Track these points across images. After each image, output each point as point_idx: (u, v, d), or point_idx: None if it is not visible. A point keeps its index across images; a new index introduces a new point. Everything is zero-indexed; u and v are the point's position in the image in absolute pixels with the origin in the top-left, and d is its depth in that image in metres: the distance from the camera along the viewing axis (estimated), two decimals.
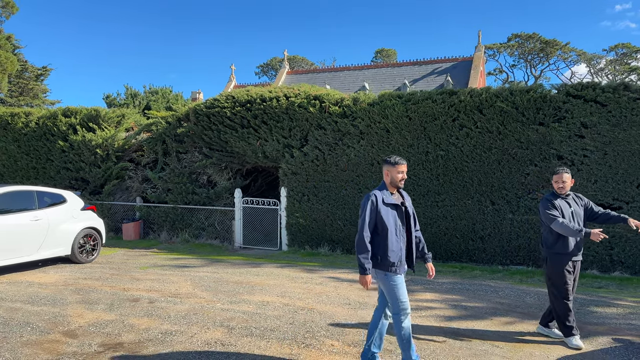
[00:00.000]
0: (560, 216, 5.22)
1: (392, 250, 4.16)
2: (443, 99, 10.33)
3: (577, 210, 5.33)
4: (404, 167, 4.33)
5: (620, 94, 9.02)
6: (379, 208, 4.19)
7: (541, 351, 5.03)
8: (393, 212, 4.25)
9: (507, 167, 9.82)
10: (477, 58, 28.16)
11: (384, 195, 4.26)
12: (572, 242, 5.24)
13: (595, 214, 5.41)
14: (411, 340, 4.23)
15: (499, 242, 9.90)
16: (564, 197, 5.36)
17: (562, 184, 5.31)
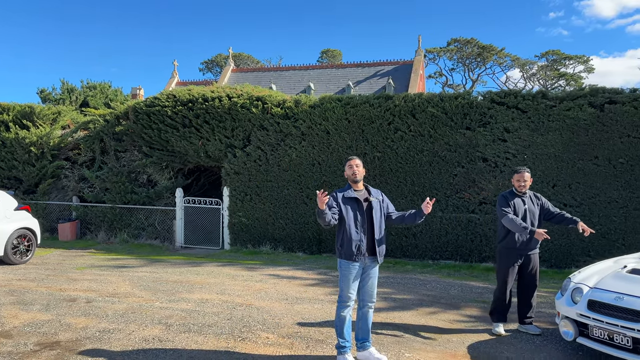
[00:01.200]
0: (512, 212, 5.57)
1: (351, 241, 4.54)
2: (380, 103, 10.83)
3: (532, 208, 5.69)
4: (354, 162, 4.72)
5: (538, 102, 9.83)
6: (339, 202, 4.60)
7: (458, 338, 5.53)
8: (353, 206, 4.62)
9: (437, 169, 10.45)
10: (417, 62, 29.21)
11: (345, 192, 4.67)
12: (521, 238, 5.57)
13: (551, 214, 5.75)
14: (344, 327, 4.62)
15: (429, 239, 10.52)
16: (521, 195, 5.73)
17: (523, 182, 5.68)
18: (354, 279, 4.61)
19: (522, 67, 47.14)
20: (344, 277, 4.63)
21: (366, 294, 4.73)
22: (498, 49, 44.75)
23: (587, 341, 4.63)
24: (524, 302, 5.77)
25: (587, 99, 9.53)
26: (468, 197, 10.26)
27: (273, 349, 5.07)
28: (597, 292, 4.68)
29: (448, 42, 45.53)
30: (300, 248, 11.35)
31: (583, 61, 45.99)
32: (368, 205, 4.67)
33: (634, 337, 4.21)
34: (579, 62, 46.14)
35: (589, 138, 9.42)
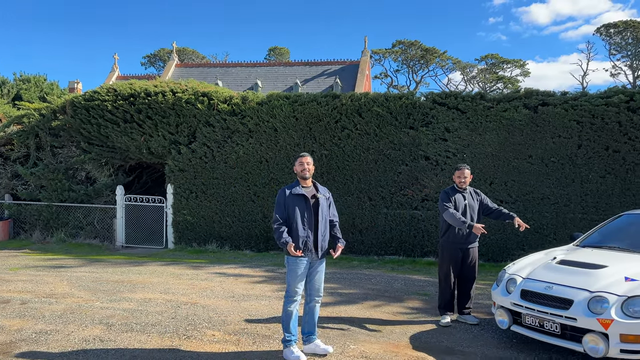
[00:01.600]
0: (452, 207, 5.80)
1: (299, 237, 4.62)
2: (327, 102, 10.95)
3: (472, 204, 5.94)
4: (305, 159, 4.78)
5: (477, 103, 10.26)
6: (287, 199, 4.66)
7: (401, 329, 5.71)
8: (301, 203, 4.68)
9: (382, 167, 10.68)
10: (363, 62, 29.66)
11: (293, 189, 4.72)
12: (460, 232, 5.80)
13: (490, 210, 6.03)
14: (290, 322, 4.67)
15: (375, 235, 10.74)
16: (462, 191, 5.97)
17: (463, 178, 5.93)
18: (300, 274, 4.68)
19: (463, 70, 48.89)
20: (291, 272, 4.69)
21: (313, 289, 4.80)
22: (440, 51, 46.16)
23: (521, 329, 4.91)
24: (463, 294, 6.03)
25: (522, 100, 10.04)
26: (411, 194, 10.57)
27: (219, 346, 5.04)
28: (529, 282, 4.97)
29: (393, 43, 46.52)
30: (248, 246, 11.29)
31: (519, 65, 48.32)
32: (315, 202, 4.74)
33: (562, 323, 4.50)
34: (515, 66, 48.44)
35: (524, 138, 9.94)
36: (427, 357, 4.85)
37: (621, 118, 9.46)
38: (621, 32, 43.20)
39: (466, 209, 5.89)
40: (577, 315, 4.40)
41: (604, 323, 4.23)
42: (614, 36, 43.85)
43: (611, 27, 43.35)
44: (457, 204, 5.87)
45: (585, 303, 4.41)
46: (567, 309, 4.48)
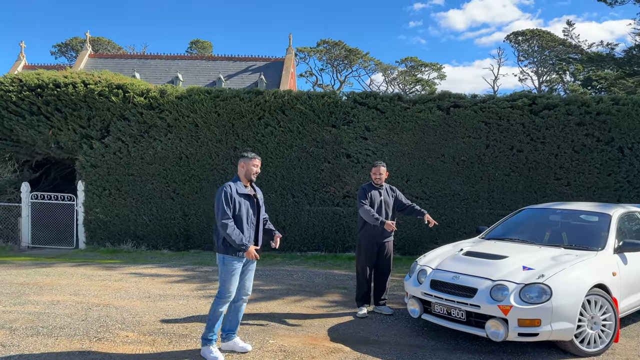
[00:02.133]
0: (368, 204, 6.02)
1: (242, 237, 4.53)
2: (250, 98, 10.87)
3: (387, 200, 6.19)
4: (259, 162, 4.74)
5: (395, 103, 10.65)
6: (234, 197, 4.55)
7: (320, 322, 5.82)
8: (246, 202, 4.63)
9: (305, 164, 10.80)
10: (288, 60, 29.72)
11: (237, 187, 4.62)
12: (376, 227, 6.00)
13: (403, 206, 6.31)
14: (217, 323, 4.61)
15: (298, 231, 10.84)
16: (378, 187, 6.20)
17: (379, 175, 6.15)
18: (237, 275, 4.62)
19: (385, 72, 50.44)
20: (227, 272, 4.59)
21: (244, 288, 4.78)
22: (363, 52, 47.28)
23: (431, 317, 5.19)
24: (379, 286, 6.27)
25: (436, 102, 10.56)
26: (333, 191, 10.77)
27: (133, 347, 4.87)
28: (438, 272, 5.26)
29: (318, 42, 46.99)
30: (166, 245, 10.96)
31: (437, 69, 50.68)
32: (257, 201, 4.75)
33: (467, 310, 4.82)
34: (433, 69, 50.75)
35: (437, 138, 10.46)
36: (343, 348, 4.99)
37: (524, 120, 10.24)
38: (528, 40, 46.57)
39: (382, 204, 6.13)
40: (480, 303, 4.73)
41: (504, 309, 4.58)
42: (522, 43, 47.20)
43: (519, 35, 46.61)
44: (373, 200, 6.10)
45: (487, 291, 4.75)
46: (471, 297, 4.80)
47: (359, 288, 6.26)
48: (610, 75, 28.45)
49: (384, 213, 6.12)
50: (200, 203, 10.85)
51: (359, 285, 6.27)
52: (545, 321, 4.50)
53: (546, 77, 47.78)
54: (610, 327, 4.80)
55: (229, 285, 4.59)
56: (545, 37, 45.63)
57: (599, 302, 4.78)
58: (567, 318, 4.54)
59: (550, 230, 6.05)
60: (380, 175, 6.19)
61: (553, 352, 4.79)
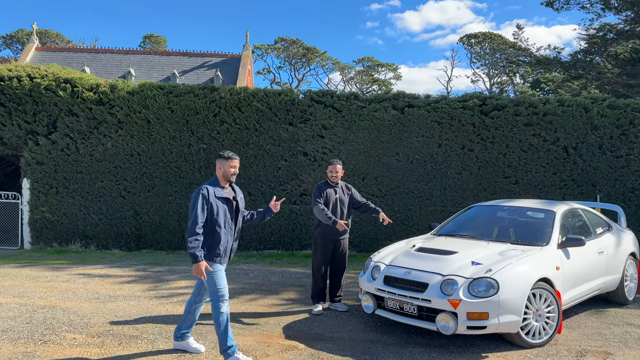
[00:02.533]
0: (323, 202, 6.06)
1: (220, 243, 4.39)
2: (205, 94, 10.70)
3: (343, 198, 6.23)
4: (237, 162, 4.54)
5: (351, 102, 10.74)
6: (210, 201, 4.33)
7: (275, 320, 5.81)
8: (224, 206, 4.42)
9: (262, 162, 10.73)
10: (245, 56, 29.42)
11: (215, 189, 4.39)
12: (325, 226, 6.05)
13: (358, 204, 6.37)
14: (228, 326, 4.41)
15: (254, 230, 10.76)
16: (334, 185, 6.23)
17: (335, 173, 6.19)
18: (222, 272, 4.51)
19: (342, 71, 50.79)
20: (214, 275, 4.40)
21: (206, 292, 4.63)
22: (321, 51, 47.42)
23: (384, 312, 5.28)
24: (335, 283, 6.33)
25: (391, 102, 10.73)
26: (290, 189, 10.75)
27: (80, 350, 4.71)
28: (391, 268, 5.35)
29: (275, 40, 46.77)
30: (117, 245, 10.63)
31: (393, 69, 51.49)
32: (236, 205, 4.59)
33: (419, 305, 4.93)
34: (389, 69, 51.53)
35: (392, 137, 10.63)
36: (298, 345, 5.00)
37: (475, 120, 10.55)
38: (480, 43, 48.01)
39: (337, 202, 6.18)
40: (431, 297, 4.84)
41: (453, 303, 4.71)
42: (474, 46, 48.61)
43: (472, 37, 47.98)
44: (328, 198, 6.14)
45: (438, 286, 4.87)
46: (423, 292, 4.92)
47: (315, 285, 6.29)
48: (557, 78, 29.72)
49: (339, 211, 6.17)
50: (153, 201, 10.59)
51: (314, 283, 6.31)
52: (493, 314, 4.66)
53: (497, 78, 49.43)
54: (554, 319, 5.02)
55: (221, 285, 4.42)
56: (497, 40, 47.19)
57: (544, 295, 4.99)
58: (513, 311, 4.72)
59: (498, 227, 6.28)
60: (337, 173, 6.24)
61: (500, 345, 4.97)
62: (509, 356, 4.72)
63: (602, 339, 5.18)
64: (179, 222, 10.62)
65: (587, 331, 5.44)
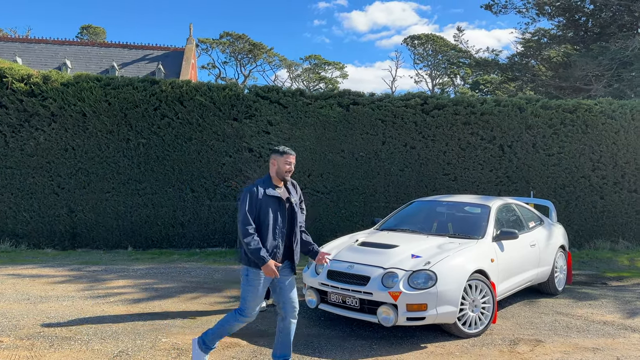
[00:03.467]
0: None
1: (267, 247, 3.96)
2: (145, 87, 10.35)
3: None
4: (293, 158, 4.14)
5: (297, 98, 10.72)
6: (260, 201, 3.98)
7: (217, 318, 5.63)
8: (275, 206, 4.04)
9: (205, 157, 10.52)
10: (188, 50, 28.77)
11: (267, 188, 4.05)
12: None
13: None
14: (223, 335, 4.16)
15: (197, 227, 10.54)
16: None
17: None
18: (262, 292, 4.04)
19: (289, 68, 50.69)
20: (252, 288, 3.99)
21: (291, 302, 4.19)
22: (268, 47, 47.05)
23: (327, 307, 5.31)
24: None
25: (337, 99, 10.80)
26: (235, 185, 10.61)
27: (8, 353, 4.43)
28: (335, 263, 5.40)
29: (221, 34, 45.91)
30: (50, 244, 10.10)
31: (339, 67, 51.92)
32: (289, 206, 4.18)
33: (361, 298, 5.00)
34: (336, 68, 51.93)
35: (337, 134, 10.71)
36: (240, 342, 4.94)
37: (417, 119, 10.81)
38: (423, 44, 49.28)
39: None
40: (373, 290, 4.92)
41: (394, 295, 4.81)
42: (417, 47, 49.82)
43: (415, 38, 49.17)
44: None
45: (379, 279, 4.96)
46: (365, 285, 4.99)
47: None
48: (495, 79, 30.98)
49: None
50: (89, 198, 10.15)
51: None
52: (431, 305, 4.79)
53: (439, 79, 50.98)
54: (489, 309, 5.23)
55: (253, 304, 4.01)
56: (439, 42, 48.60)
57: (479, 286, 5.18)
58: (450, 302, 4.88)
59: (437, 221, 6.47)
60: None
61: (438, 335, 5.13)
62: (446, 346, 4.87)
63: (533, 328, 5.46)
64: (116, 219, 10.24)
65: (520, 320, 5.71)
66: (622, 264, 9.50)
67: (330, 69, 52.03)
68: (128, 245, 10.30)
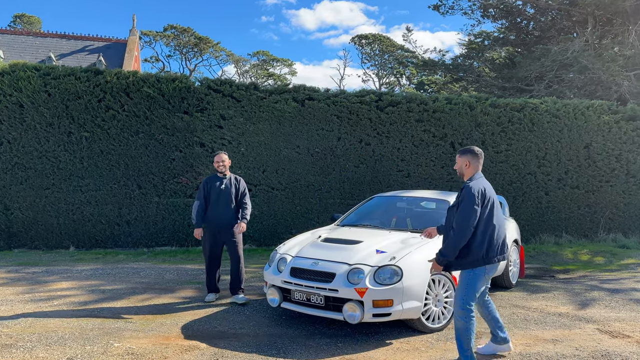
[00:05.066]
0: (202, 197, 6.08)
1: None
2: (88, 77, 9.76)
3: (229, 189, 6.12)
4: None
5: (251, 92, 10.45)
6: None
7: (172, 320, 5.42)
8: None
9: (154, 152, 10.06)
10: (131, 42, 27.62)
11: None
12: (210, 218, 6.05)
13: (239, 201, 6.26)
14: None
15: (145, 226, 10.07)
16: (222, 177, 6.14)
17: (221, 162, 6.13)
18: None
19: (237, 63, 49.84)
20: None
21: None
22: (214, 42, 46.04)
23: (290, 305, 5.14)
24: (231, 275, 6.23)
25: (292, 94, 10.62)
26: (186, 181, 10.21)
27: None
28: (298, 260, 5.24)
29: (165, 27, 44.44)
30: None
31: (288, 64, 51.62)
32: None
33: (326, 295, 4.87)
34: (284, 64, 51.59)
35: (293, 129, 10.53)
36: (199, 345, 4.69)
37: (372, 115, 10.81)
38: (371, 44, 49.84)
39: (220, 194, 6.12)
40: (338, 287, 4.80)
41: (360, 291, 4.71)
42: (365, 46, 50.33)
43: (363, 38, 49.65)
44: (211, 191, 6.12)
45: (345, 275, 4.85)
46: (330, 282, 4.86)
47: (207, 277, 6.28)
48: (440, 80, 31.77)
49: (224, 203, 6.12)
50: (27, 195, 9.46)
51: (206, 275, 6.28)
52: (397, 301, 4.74)
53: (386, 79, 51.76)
54: (451, 303, 5.22)
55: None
56: (386, 42, 49.31)
57: (442, 280, 5.18)
58: (415, 297, 4.84)
59: (398, 216, 6.44)
60: (223, 162, 6.21)
61: (402, 331, 5.07)
62: (411, 341, 4.83)
63: None
64: (57, 217, 9.61)
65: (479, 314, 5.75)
66: (567, 257, 9.91)
67: (278, 66, 51.62)
68: (70, 244, 9.70)
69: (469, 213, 3.92)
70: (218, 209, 6.06)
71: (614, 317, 5.65)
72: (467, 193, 3.98)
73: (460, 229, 3.94)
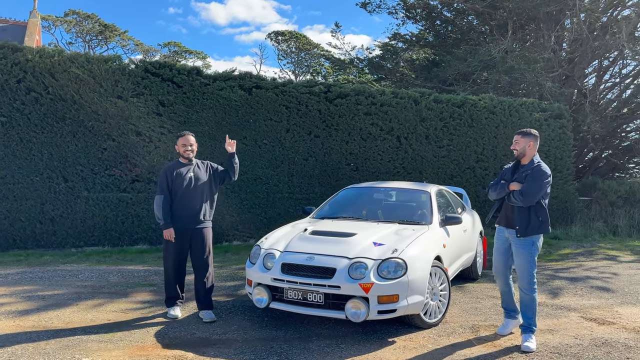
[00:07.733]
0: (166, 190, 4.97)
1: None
2: (4, 54, 8.46)
3: (200, 175, 5.11)
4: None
5: (194, 78, 9.67)
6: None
7: (139, 327, 4.71)
8: None
9: (83, 141, 8.95)
10: (32, 24, 24.95)
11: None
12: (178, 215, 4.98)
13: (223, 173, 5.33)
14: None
15: (72, 223, 8.93)
16: (188, 163, 5.11)
17: (189, 146, 5.09)
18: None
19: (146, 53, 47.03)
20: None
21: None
22: (121, 30, 43.27)
23: (282, 305, 4.64)
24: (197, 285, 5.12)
25: (238, 81, 9.98)
26: (119, 174, 9.21)
27: None
28: (289, 254, 4.77)
29: (66, 12, 40.99)
30: None
31: (202, 57, 49.75)
32: None
33: (326, 292, 4.46)
34: (198, 57, 49.60)
35: (239, 119, 9.91)
36: (185, 355, 4.09)
37: (321, 107, 10.49)
38: (287, 41, 49.48)
39: (191, 183, 5.07)
40: (340, 283, 4.42)
41: (365, 287, 4.36)
42: (281, 43, 49.90)
43: (280, 34, 49.18)
44: (178, 181, 5.04)
45: (346, 270, 4.47)
46: (330, 278, 4.46)
47: (166, 288, 5.14)
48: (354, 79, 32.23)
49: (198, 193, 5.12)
50: None
51: (166, 285, 5.15)
52: (402, 296, 4.45)
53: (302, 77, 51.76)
54: (446, 296, 5.04)
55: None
56: (302, 40, 49.28)
57: (438, 273, 4.98)
58: (419, 291, 4.59)
59: (379, 208, 6.17)
60: (191, 146, 5.13)
61: (400, 328, 4.80)
62: (414, 338, 4.58)
63: (481, 313, 5.42)
64: None
65: (464, 307, 5.67)
66: None
67: (191, 58, 49.56)
68: None
69: (540, 187, 4.43)
70: (189, 202, 5.02)
71: (589, 305, 5.81)
72: (538, 171, 4.47)
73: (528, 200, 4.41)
